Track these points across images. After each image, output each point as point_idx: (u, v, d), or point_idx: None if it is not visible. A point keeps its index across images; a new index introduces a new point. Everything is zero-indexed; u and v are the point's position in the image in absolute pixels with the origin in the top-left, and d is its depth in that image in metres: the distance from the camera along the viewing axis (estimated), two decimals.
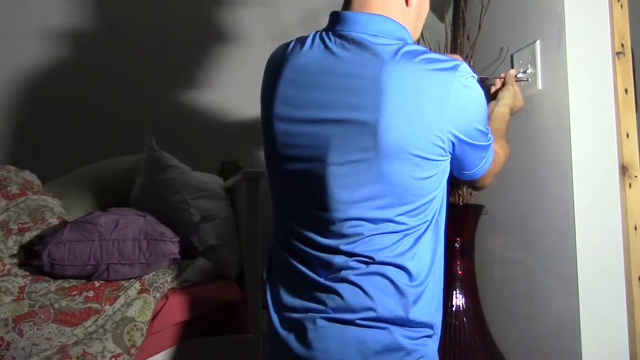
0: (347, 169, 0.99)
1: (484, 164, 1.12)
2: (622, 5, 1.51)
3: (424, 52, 1.00)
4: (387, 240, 0.99)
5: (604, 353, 1.40)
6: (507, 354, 1.61)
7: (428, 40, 1.84)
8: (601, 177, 1.46)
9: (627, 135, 1.47)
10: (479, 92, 1.04)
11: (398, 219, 0.99)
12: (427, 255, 1.03)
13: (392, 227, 0.99)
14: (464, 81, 0.99)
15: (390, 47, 1.00)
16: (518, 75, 1.60)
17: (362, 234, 0.99)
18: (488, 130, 1.09)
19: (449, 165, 1.05)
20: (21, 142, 2.22)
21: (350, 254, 1.00)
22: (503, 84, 1.55)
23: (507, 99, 1.48)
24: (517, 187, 1.67)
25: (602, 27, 1.50)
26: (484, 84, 1.73)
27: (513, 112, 1.51)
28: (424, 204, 1.02)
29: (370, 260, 0.99)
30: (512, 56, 1.69)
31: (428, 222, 1.03)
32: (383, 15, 1.06)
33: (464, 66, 1.01)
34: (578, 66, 1.48)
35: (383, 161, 0.97)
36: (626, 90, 1.49)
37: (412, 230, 1.01)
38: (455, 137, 1.01)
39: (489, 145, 1.11)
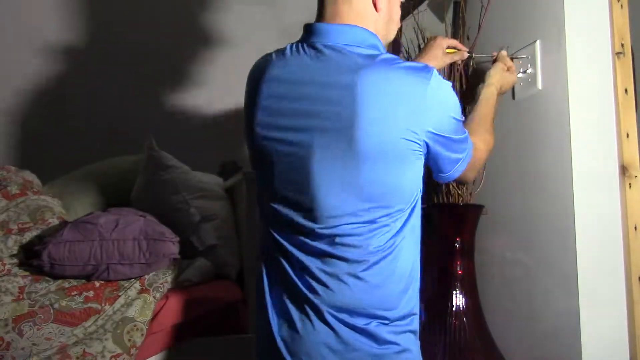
0: (329, 177, 1.02)
1: (460, 166, 1.14)
2: (622, 5, 1.51)
3: (397, 59, 1.05)
4: (372, 242, 1.02)
5: (604, 353, 1.40)
6: (507, 354, 1.61)
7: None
8: (601, 177, 1.46)
9: (627, 135, 1.47)
10: (453, 95, 1.08)
11: (381, 220, 1.03)
12: (409, 256, 1.07)
13: (375, 228, 1.03)
14: (438, 81, 1.03)
15: (363, 55, 1.04)
16: (515, 54, 1.60)
17: (347, 237, 1.02)
18: (462, 134, 1.12)
19: (422, 166, 1.08)
20: (21, 142, 2.22)
21: (336, 257, 1.03)
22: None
23: (494, 78, 1.48)
24: (517, 187, 1.67)
25: (602, 27, 1.50)
26: (478, 65, 1.74)
27: (503, 90, 1.50)
28: (404, 204, 1.05)
29: (355, 262, 1.02)
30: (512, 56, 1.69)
31: (405, 222, 1.06)
32: (354, 26, 1.10)
33: (435, 70, 1.05)
34: (578, 66, 1.48)
35: (362, 166, 1.00)
36: (626, 90, 1.49)
37: (394, 232, 1.04)
38: (431, 135, 1.04)
39: (465, 149, 1.14)
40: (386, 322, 1.02)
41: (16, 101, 2.23)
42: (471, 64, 1.74)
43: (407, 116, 1.01)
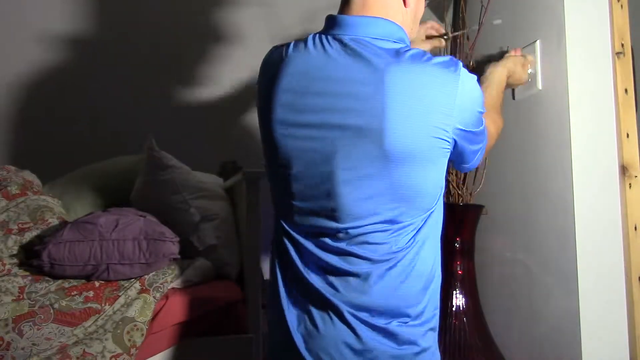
0: (354, 176, 0.99)
1: (479, 156, 1.13)
2: (622, 5, 1.51)
3: (424, 54, 1.01)
4: (396, 241, 1.01)
5: (604, 353, 1.40)
6: (507, 354, 1.61)
7: None
8: (601, 177, 1.46)
9: (627, 135, 1.47)
10: (479, 88, 1.06)
11: (406, 220, 1.01)
12: (431, 253, 1.05)
13: (400, 227, 1.01)
14: (466, 76, 1.01)
15: (391, 50, 1.00)
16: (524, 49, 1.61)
17: (370, 236, 1.00)
18: (482, 125, 1.10)
19: (448, 162, 1.06)
20: (21, 142, 2.22)
21: (358, 256, 1.01)
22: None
23: (509, 62, 1.48)
24: (517, 187, 1.67)
25: (602, 27, 1.50)
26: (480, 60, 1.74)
27: (511, 81, 1.50)
28: (431, 202, 1.03)
29: (378, 261, 1.00)
30: None
31: (428, 219, 1.04)
32: (382, 18, 1.06)
33: (461, 63, 1.03)
34: (578, 66, 1.48)
35: (390, 165, 0.98)
36: (626, 90, 1.49)
37: (418, 229, 1.02)
38: (459, 132, 1.02)
39: (484, 139, 1.12)
40: (407, 320, 1.01)
41: (16, 101, 2.22)
42: (471, 64, 1.74)
43: (438, 114, 0.98)
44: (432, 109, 0.97)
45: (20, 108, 2.23)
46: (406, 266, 1.01)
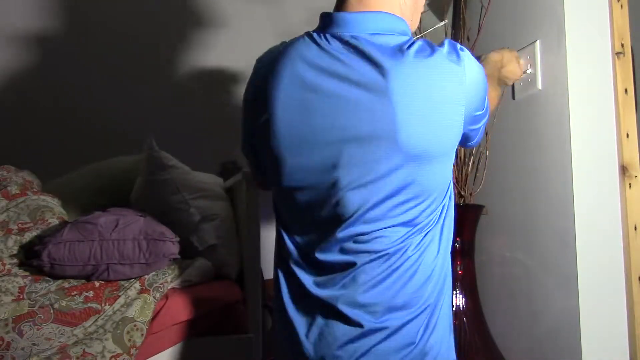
0: (364, 182, 0.96)
1: (482, 131, 1.13)
2: (622, 5, 1.51)
3: (426, 48, 0.97)
4: (410, 242, 0.99)
5: (604, 353, 1.40)
6: (507, 354, 1.61)
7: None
8: (601, 177, 1.46)
9: (627, 135, 1.47)
10: (482, 71, 1.03)
11: (421, 219, 0.99)
12: (442, 249, 1.04)
13: (414, 229, 0.99)
14: (470, 63, 0.98)
15: (394, 47, 0.96)
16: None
17: (381, 239, 0.98)
18: (486, 100, 1.08)
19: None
20: (21, 142, 2.22)
21: (365, 259, 0.99)
22: None
23: (503, 51, 1.45)
24: (517, 187, 1.67)
25: (602, 27, 1.50)
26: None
27: (505, 72, 1.44)
28: (442, 197, 1.02)
29: (385, 262, 0.99)
30: None
31: (441, 215, 1.03)
32: (381, 12, 1.02)
33: (461, 47, 1.00)
34: (578, 66, 1.48)
35: (411, 168, 0.95)
36: (626, 90, 1.49)
37: (430, 227, 1.01)
38: (468, 119, 1.00)
39: (486, 114, 1.10)
40: (412, 317, 0.98)
41: (16, 101, 2.22)
42: None
43: (449, 109, 0.95)
44: (442, 104, 0.95)
45: (21, 108, 2.23)
46: (415, 263, 0.99)
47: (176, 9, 2.37)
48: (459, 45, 1.00)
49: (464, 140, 1.08)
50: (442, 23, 1.61)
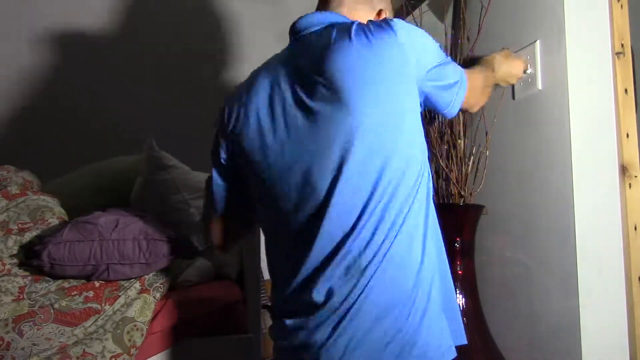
0: (329, 168, 0.99)
1: (459, 91, 1.13)
2: (622, 5, 1.51)
3: (362, 27, 1.03)
4: (382, 232, 0.99)
5: (604, 353, 1.40)
6: (507, 354, 1.61)
7: None
8: (601, 177, 1.46)
9: (627, 135, 1.47)
10: (422, 33, 1.07)
11: (392, 207, 0.99)
12: (418, 247, 1.03)
13: (387, 216, 0.99)
14: (403, 29, 1.02)
15: (336, 32, 1.04)
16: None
17: (359, 235, 0.98)
18: (446, 59, 1.11)
19: (421, 117, 1.06)
20: (21, 142, 2.22)
21: (348, 257, 0.99)
22: None
23: (501, 53, 1.49)
24: (517, 187, 1.67)
25: (602, 27, 1.50)
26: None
27: (502, 73, 1.48)
28: (416, 168, 1.02)
29: (365, 258, 0.99)
30: None
31: (415, 199, 1.03)
32: (328, 11, 1.14)
33: (396, 19, 1.04)
34: (578, 66, 1.48)
35: (365, 145, 0.98)
36: (626, 90, 1.49)
37: (404, 221, 1.00)
38: (420, 80, 1.03)
39: (457, 71, 1.13)
40: (403, 313, 0.98)
41: (16, 100, 2.22)
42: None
43: (394, 77, 0.99)
44: (387, 74, 0.99)
45: (21, 108, 2.23)
46: (395, 258, 0.98)
47: (176, 9, 2.37)
48: (394, 19, 1.05)
49: (434, 102, 1.10)
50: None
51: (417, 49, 1.03)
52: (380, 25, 1.02)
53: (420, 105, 1.07)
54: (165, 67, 2.33)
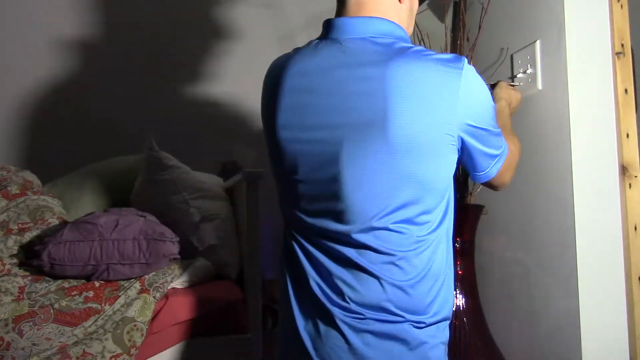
0: (361, 174, 0.98)
1: (497, 163, 1.11)
2: (622, 5, 1.52)
3: (427, 51, 1.01)
4: (403, 242, 0.99)
5: (604, 353, 1.40)
6: (507, 354, 1.61)
7: (430, 42, 1.84)
8: (601, 177, 1.46)
9: (627, 135, 1.48)
10: (486, 87, 1.05)
11: (417, 219, 1.00)
12: (441, 255, 1.04)
13: (409, 227, 1.00)
14: (471, 73, 1.00)
15: (392, 46, 1.00)
16: (510, 84, 1.59)
17: (379, 239, 0.99)
18: (497, 128, 1.08)
19: (456, 162, 1.04)
20: (21, 142, 2.22)
21: (364, 260, 1.00)
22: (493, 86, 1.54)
23: (501, 93, 1.46)
24: (517, 187, 1.67)
25: (602, 27, 1.50)
26: None
27: (513, 106, 1.47)
28: (438, 200, 1.02)
29: (387, 263, 0.99)
30: (512, 57, 1.69)
31: (440, 220, 1.03)
32: (379, 17, 1.06)
33: (466, 60, 1.02)
34: (578, 66, 1.48)
35: (396, 161, 0.97)
36: (626, 90, 1.49)
37: (428, 230, 1.01)
38: (465, 128, 1.00)
39: (501, 145, 1.11)
40: (419, 321, 0.99)
41: (16, 101, 2.22)
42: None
43: (441, 109, 0.97)
44: (436, 102, 0.97)
45: (20, 108, 2.23)
46: (415, 267, 1.00)
47: (177, 9, 2.37)
48: (465, 60, 1.01)
49: (470, 162, 1.08)
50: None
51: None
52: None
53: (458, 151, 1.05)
54: (166, 67, 2.33)
